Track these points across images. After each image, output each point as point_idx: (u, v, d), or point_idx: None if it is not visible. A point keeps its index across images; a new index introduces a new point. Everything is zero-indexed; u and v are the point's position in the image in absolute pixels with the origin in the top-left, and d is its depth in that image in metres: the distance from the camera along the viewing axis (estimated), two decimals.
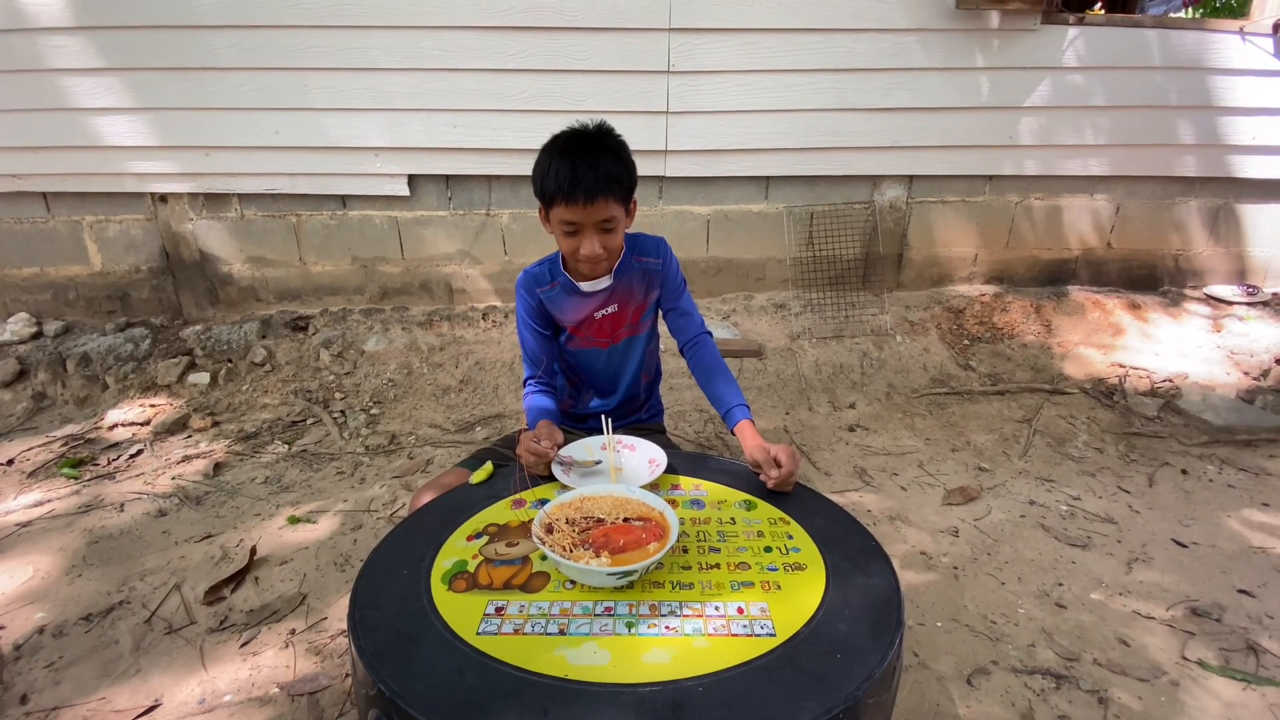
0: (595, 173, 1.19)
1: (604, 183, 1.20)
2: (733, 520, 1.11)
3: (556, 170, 1.20)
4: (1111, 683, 1.47)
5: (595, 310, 1.43)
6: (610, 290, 1.41)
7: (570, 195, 1.19)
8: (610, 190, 1.21)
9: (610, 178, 1.21)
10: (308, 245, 3.23)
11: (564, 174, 1.19)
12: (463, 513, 1.13)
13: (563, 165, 1.20)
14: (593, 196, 1.20)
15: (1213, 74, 3.15)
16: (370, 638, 0.84)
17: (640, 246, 1.43)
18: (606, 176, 1.20)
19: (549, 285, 1.42)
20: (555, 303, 1.43)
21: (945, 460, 2.43)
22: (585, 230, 1.25)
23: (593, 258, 1.27)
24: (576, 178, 1.18)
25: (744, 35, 2.94)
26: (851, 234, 3.33)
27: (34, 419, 2.72)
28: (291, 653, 1.55)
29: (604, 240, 1.26)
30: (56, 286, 3.26)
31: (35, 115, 2.93)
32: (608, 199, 1.22)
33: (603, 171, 1.20)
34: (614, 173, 1.22)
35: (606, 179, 1.20)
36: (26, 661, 1.53)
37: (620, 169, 1.23)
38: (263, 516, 2.10)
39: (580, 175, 1.18)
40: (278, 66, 2.89)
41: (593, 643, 0.83)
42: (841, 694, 0.75)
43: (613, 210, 1.24)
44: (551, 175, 1.21)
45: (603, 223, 1.24)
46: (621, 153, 1.26)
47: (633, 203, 1.30)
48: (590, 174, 1.19)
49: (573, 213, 1.22)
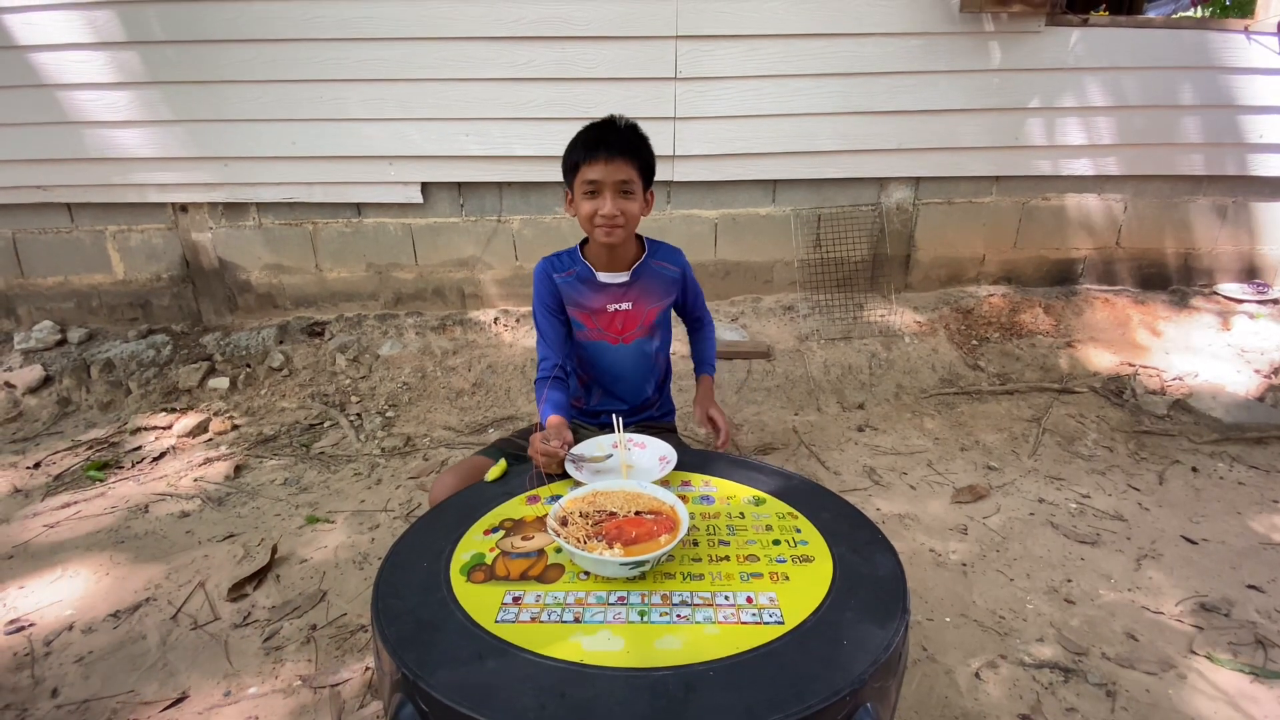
0: (617, 136, 1.33)
1: (624, 144, 1.33)
2: (741, 515, 1.14)
3: (584, 138, 1.34)
4: (1120, 676, 1.48)
5: (609, 303, 1.48)
6: (626, 286, 1.46)
7: (593, 152, 1.32)
8: (631, 153, 1.33)
9: (630, 143, 1.34)
10: (324, 252, 3.30)
11: (591, 136, 1.33)
12: (479, 509, 1.16)
13: (588, 134, 1.34)
14: (613, 155, 1.31)
15: (1219, 73, 3.16)
16: (393, 625, 0.88)
17: (659, 252, 1.52)
18: (627, 141, 1.34)
19: (566, 271, 1.49)
20: (570, 289, 1.48)
21: (954, 459, 2.45)
22: (605, 191, 1.33)
23: (610, 218, 1.35)
24: (601, 138, 1.32)
25: (750, 41, 2.98)
26: (859, 236, 3.35)
27: (59, 424, 2.79)
28: (313, 647, 1.59)
29: (622, 205, 1.34)
30: (80, 295, 3.34)
31: (60, 128, 3.01)
32: (626, 160, 1.33)
33: (624, 136, 1.34)
34: (634, 141, 1.35)
35: (628, 143, 1.33)
36: (57, 657, 1.58)
37: (640, 140, 1.36)
38: (282, 517, 2.15)
39: (605, 136, 1.33)
40: (295, 79, 2.96)
41: (607, 630, 0.86)
42: (848, 678, 0.78)
43: (631, 173, 1.34)
44: (579, 142, 1.35)
45: (622, 183, 1.33)
46: (645, 139, 1.38)
47: (650, 192, 1.41)
48: (614, 137, 1.33)
49: (594, 170, 1.32)
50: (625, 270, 1.46)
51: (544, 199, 3.25)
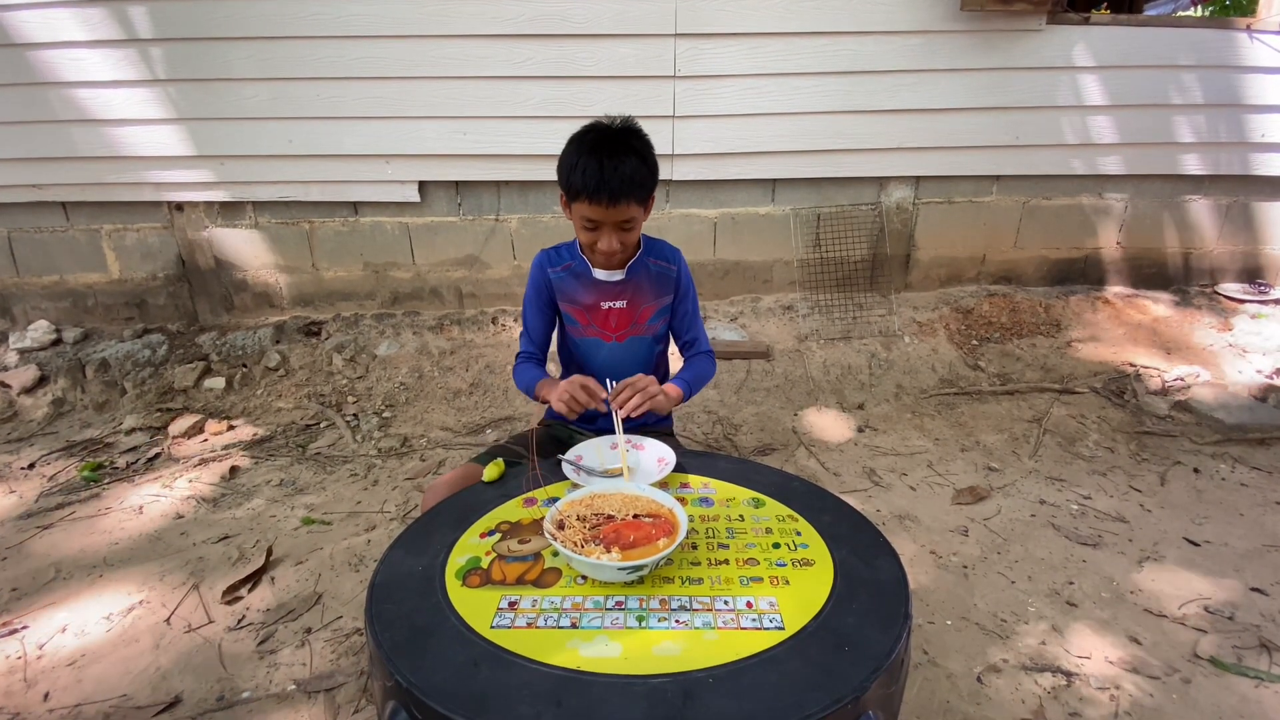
0: (620, 175, 1.23)
1: (628, 186, 1.25)
2: (741, 518, 1.12)
3: (584, 169, 1.24)
4: (1123, 680, 1.47)
5: (603, 300, 1.46)
6: (622, 284, 1.44)
7: (595, 196, 1.24)
8: (633, 194, 1.27)
9: (634, 181, 1.25)
10: (320, 252, 3.28)
11: (590, 174, 1.23)
12: (475, 511, 1.14)
13: (590, 164, 1.23)
14: (616, 199, 1.25)
15: (1221, 72, 3.14)
16: (387, 631, 0.86)
17: (656, 249, 1.48)
18: (630, 180, 1.25)
19: (562, 266, 1.46)
20: (564, 284, 1.46)
21: (954, 460, 2.43)
22: (605, 228, 1.30)
23: (609, 253, 1.33)
24: (602, 180, 1.23)
25: (749, 40, 2.96)
26: (859, 235, 3.34)
27: (54, 424, 2.77)
28: (308, 650, 1.58)
29: (622, 237, 1.32)
30: (75, 294, 3.32)
31: (55, 127, 2.99)
32: (630, 202, 1.27)
33: (627, 174, 1.24)
34: (638, 176, 1.26)
35: (630, 183, 1.25)
36: (49, 660, 1.56)
37: (644, 171, 1.28)
38: (278, 518, 2.13)
39: (606, 178, 1.23)
40: (292, 77, 2.94)
41: (604, 636, 0.85)
42: (849, 684, 0.76)
43: (633, 212, 1.29)
44: (579, 173, 1.25)
45: (623, 223, 1.30)
46: (647, 154, 1.30)
47: (650, 198, 1.35)
48: (615, 177, 1.23)
49: (595, 211, 1.27)
50: (620, 268, 1.44)
51: (542, 198, 3.24)
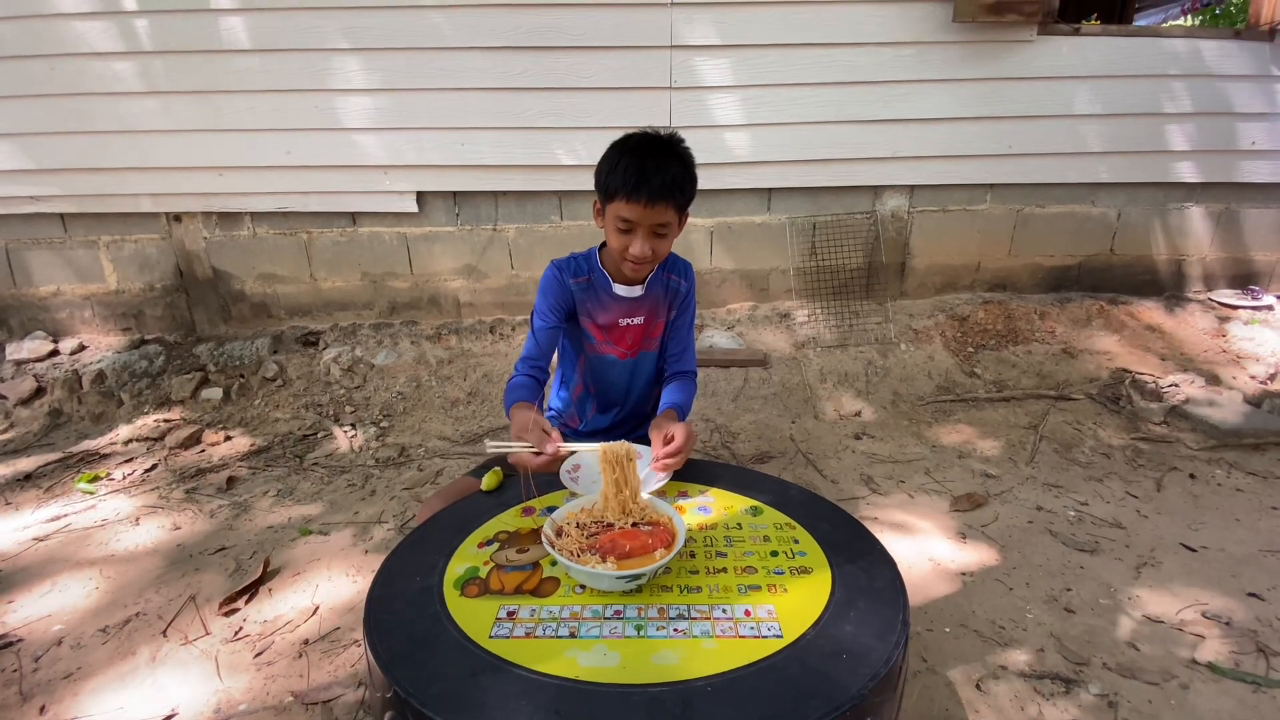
0: (662, 176, 1.22)
1: (668, 188, 1.23)
2: (739, 526, 1.12)
3: (625, 167, 1.22)
4: (1121, 686, 1.47)
5: (621, 317, 1.44)
6: (639, 300, 1.42)
7: (634, 193, 1.22)
8: (672, 196, 1.24)
9: (675, 185, 1.24)
10: (318, 262, 3.29)
11: (631, 171, 1.21)
12: (473, 521, 1.15)
13: (631, 162, 1.22)
14: (655, 199, 1.22)
15: (1211, 80, 3.18)
16: (385, 642, 0.86)
17: (671, 264, 1.46)
18: (671, 183, 1.23)
19: (583, 278, 1.42)
20: (584, 298, 1.43)
21: (952, 467, 2.44)
22: (639, 231, 1.27)
23: (641, 258, 1.29)
24: (644, 177, 1.21)
25: (744, 51, 2.99)
26: (854, 244, 3.36)
27: (51, 435, 2.77)
28: (305, 662, 1.57)
29: (654, 244, 1.29)
30: (73, 305, 3.32)
31: (53, 138, 3.01)
32: (668, 204, 1.25)
33: (669, 176, 1.23)
34: (679, 180, 1.25)
35: (671, 185, 1.23)
36: (45, 673, 1.55)
37: (685, 178, 1.27)
38: (275, 529, 2.12)
39: (648, 175, 1.21)
40: (290, 88, 2.96)
41: (603, 645, 0.85)
42: (848, 693, 0.76)
43: (669, 216, 1.27)
44: (619, 171, 1.23)
45: (658, 226, 1.27)
46: (689, 163, 1.29)
47: (686, 213, 1.33)
48: (657, 176, 1.21)
49: (632, 211, 1.24)
50: (640, 283, 1.41)
51: (539, 208, 3.25)
